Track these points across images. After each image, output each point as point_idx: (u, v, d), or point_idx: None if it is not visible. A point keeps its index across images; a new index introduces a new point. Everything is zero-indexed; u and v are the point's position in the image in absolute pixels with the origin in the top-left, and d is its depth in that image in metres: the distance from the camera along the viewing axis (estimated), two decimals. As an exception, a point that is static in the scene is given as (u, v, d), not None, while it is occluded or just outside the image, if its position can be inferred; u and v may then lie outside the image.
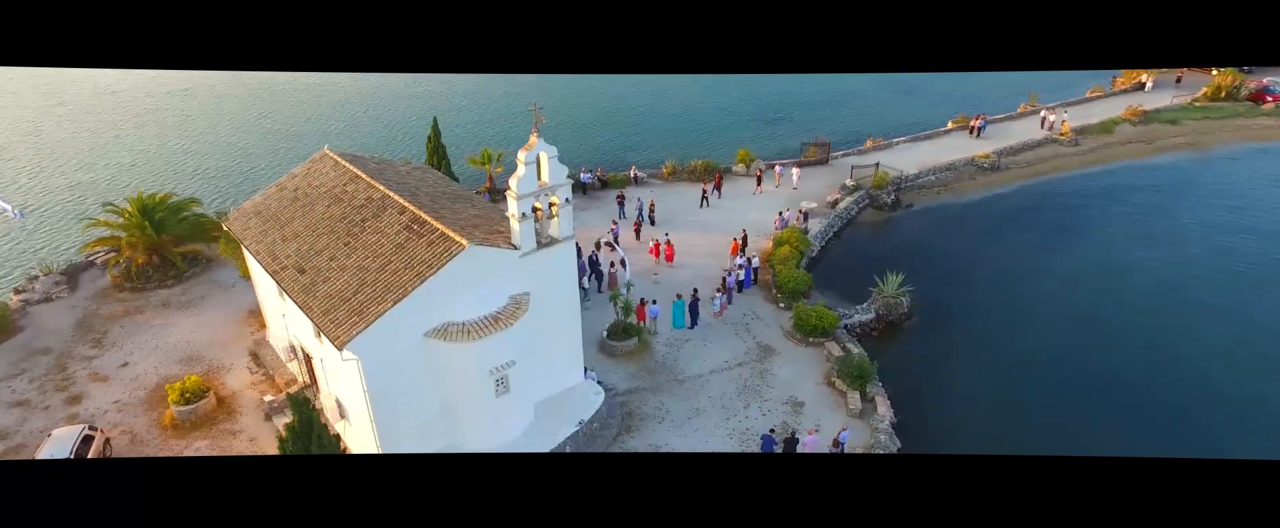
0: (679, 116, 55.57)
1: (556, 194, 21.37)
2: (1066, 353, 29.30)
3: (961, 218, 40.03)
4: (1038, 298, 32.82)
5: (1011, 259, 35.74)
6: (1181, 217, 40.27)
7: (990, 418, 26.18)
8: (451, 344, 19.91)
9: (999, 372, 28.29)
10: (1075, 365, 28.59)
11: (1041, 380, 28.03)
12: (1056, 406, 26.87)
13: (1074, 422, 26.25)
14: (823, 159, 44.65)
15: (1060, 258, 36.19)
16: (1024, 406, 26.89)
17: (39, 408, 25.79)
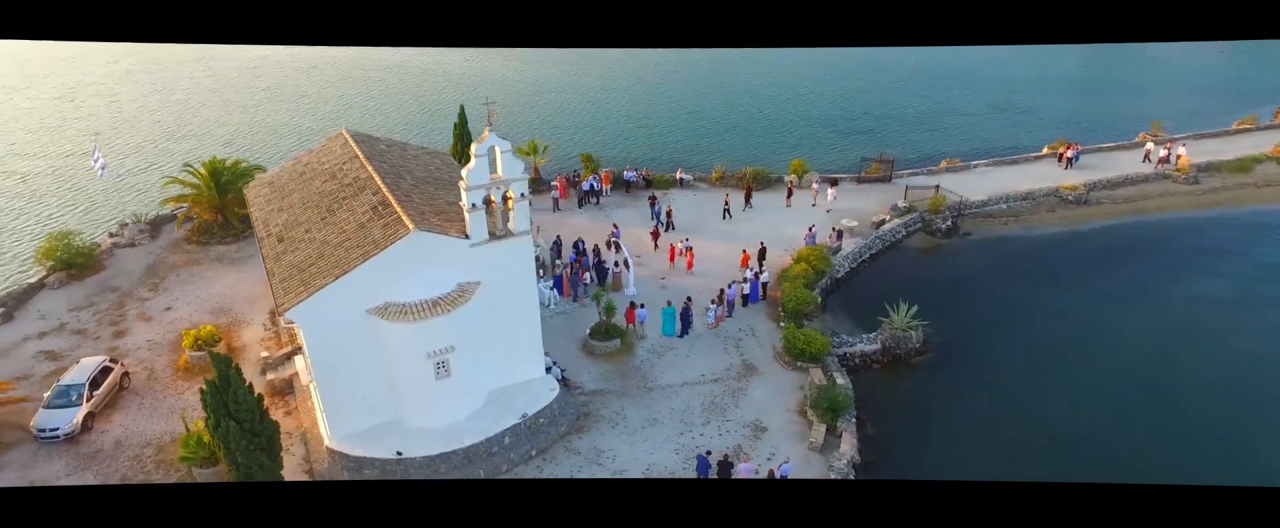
0: (753, 124, 54.27)
1: (511, 188, 21.66)
2: (1099, 432, 25.10)
3: (1023, 254, 36.49)
4: (1085, 356, 28.99)
5: (1068, 307, 32.02)
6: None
7: (971, 478, 23.82)
8: (390, 323, 20.78)
9: (1005, 434, 25.30)
10: (1105, 449, 24.26)
11: (1052, 458, 24.01)
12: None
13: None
14: (885, 177, 42.17)
15: (1132, 313, 31.70)
16: (1018, 477, 24.14)
17: (91, 338, 29.39)
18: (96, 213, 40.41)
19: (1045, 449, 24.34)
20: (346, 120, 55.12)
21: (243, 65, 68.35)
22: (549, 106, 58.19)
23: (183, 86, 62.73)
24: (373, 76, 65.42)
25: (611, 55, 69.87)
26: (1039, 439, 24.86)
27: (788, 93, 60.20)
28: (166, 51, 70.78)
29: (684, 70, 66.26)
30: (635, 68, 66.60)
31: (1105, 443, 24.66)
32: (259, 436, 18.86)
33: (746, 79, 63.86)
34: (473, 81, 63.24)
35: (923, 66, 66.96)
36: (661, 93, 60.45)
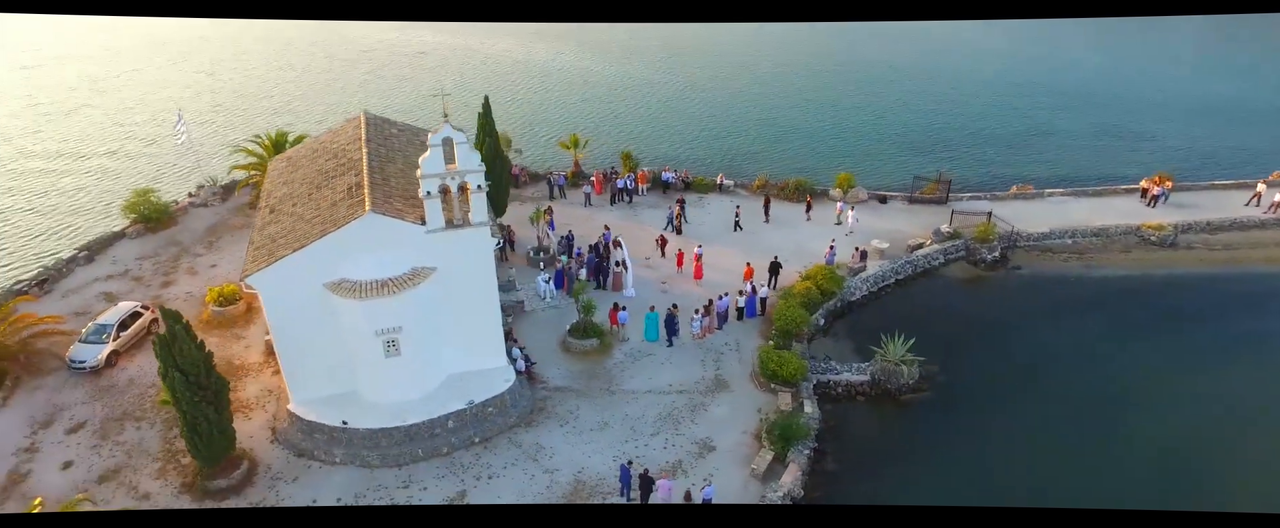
0: (810, 133, 52.01)
1: (468, 179, 22.09)
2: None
3: (1078, 297, 32.87)
4: (1112, 426, 25.35)
5: (1112, 365, 28.32)
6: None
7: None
8: (342, 298, 21.81)
9: (979, 490, 22.94)
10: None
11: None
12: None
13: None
14: (940, 198, 39.32)
15: (1194, 383, 27.23)
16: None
17: (144, 284, 32.78)
18: (186, 175, 44.68)
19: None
20: (425, 105, 57.75)
21: (361, 49, 73.25)
22: (598, 101, 58.57)
23: (296, 65, 68.18)
24: (474, 63, 68.27)
25: (665, 54, 69.45)
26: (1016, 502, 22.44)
27: (858, 102, 57.29)
28: (290, 32, 77.27)
29: (743, 74, 64.80)
30: (688, 69, 65.74)
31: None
32: (205, 389, 20.43)
33: (812, 86, 61.42)
34: (527, 71, 64.67)
35: (1025, 80, 61.75)
36: (715, 96, 59.39)
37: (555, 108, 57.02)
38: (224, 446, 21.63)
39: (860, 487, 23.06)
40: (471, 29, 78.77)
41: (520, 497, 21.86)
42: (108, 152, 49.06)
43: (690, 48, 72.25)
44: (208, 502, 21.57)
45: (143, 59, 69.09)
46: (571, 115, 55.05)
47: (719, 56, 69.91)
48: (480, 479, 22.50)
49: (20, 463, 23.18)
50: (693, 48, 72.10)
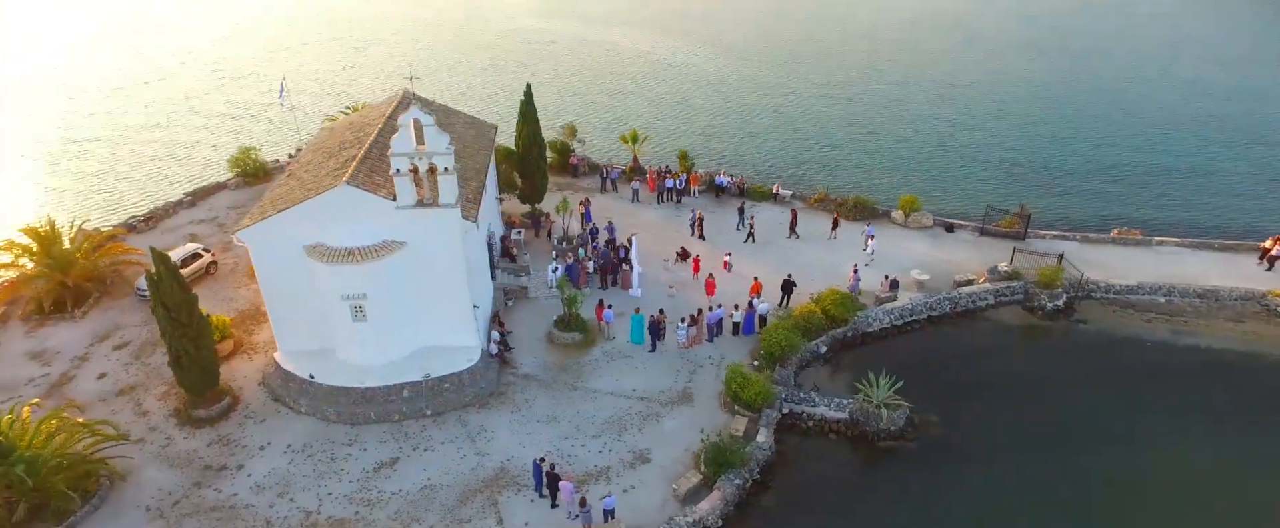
0: (895, 149, 48.13)
1: (434, 160, 22.83)
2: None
3: (1157, 366, 27.94)
4: None
5: (1179, 460, 23.57)
6: None
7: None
8: (313, 261, 23.44)
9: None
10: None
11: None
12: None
13: None
14: (1017, 233, 35.17)
15: None
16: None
17: (224, 231, 36.82)
18: (286, 137, 48.85)
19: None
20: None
21: (498, 34, 77.23)
22: (668, 98, 57.86)
23: (431, 46, 73.13)
24: (585, 53, 69.88)
25: (743, 54, 66.74)
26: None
27: (944, 117, 52.21)
28: (438, 17, 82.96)
29: (822, 78, 61.22)
30: (764, 70, 62.81)
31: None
32: (186, 326, 22.82)
33: (896, 97, 56.71)
34: (617, 61, 64.65)
35: (1171, 105, 53.34)
36: (790, 102, 56.67)
37: (630, 101, 57.29)
38: (205, 379, 24.05)
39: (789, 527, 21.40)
40: (604, 21, 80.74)
41: (444, 473, 22.45)
42: (226, 113, 55.05)
43: (769, 49, 69.62)
44: (188, 427, 24.12)
45: (275, 35, 77.22)
46: (642, 110, 55.24)
47: (796, 60, 67.01)
48: (416, 450, 23.35)
49: (72, 368, 27.11)
50: (771, 50, 69.41)
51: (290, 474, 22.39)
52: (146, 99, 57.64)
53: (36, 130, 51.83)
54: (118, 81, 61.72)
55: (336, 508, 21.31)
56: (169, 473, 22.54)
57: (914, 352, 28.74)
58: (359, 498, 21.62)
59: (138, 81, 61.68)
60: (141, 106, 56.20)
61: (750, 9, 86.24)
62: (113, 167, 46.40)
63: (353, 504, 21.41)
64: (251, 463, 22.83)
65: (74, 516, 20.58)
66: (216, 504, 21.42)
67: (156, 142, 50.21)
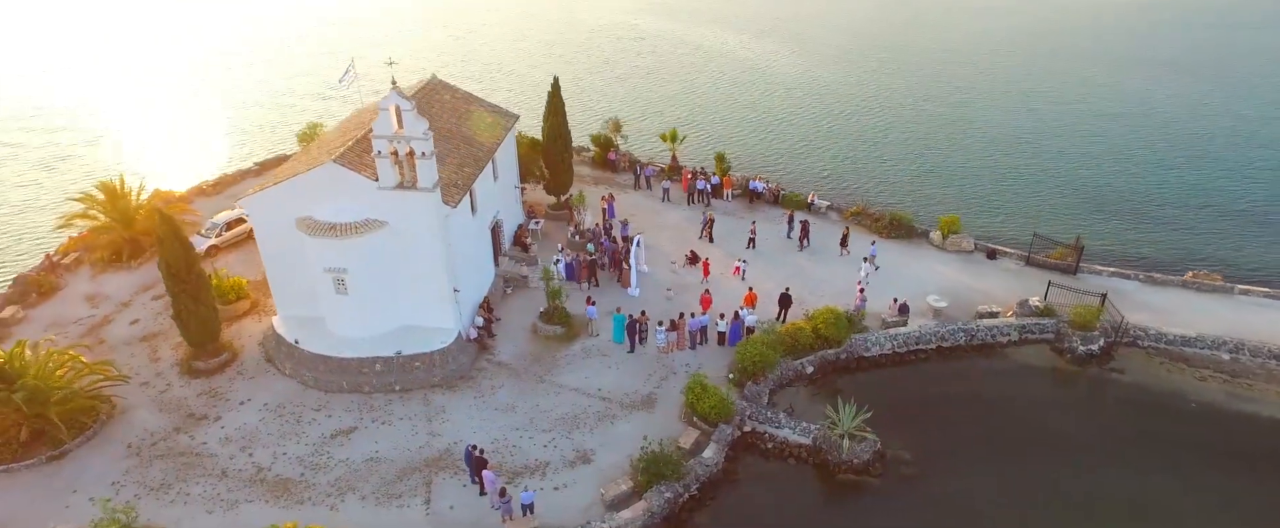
0: (947, 165, 44.65)
1: (412, 145, 23.45)
2: None
3: (1199, 432, 24.34)
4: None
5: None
6: None
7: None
8: (300, 232, 24.76)
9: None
10: None
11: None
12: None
13: None
14: (1068, 267, 31.88)
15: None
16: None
17: (281, 201, 39.63)
18: None
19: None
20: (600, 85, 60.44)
21: (589, 29, 78.38)
22: (721, 99, 56.43)
23: (524, 38, 75.19)
24: (670, 49, 69.66)
25: (799, 59, 63.29)
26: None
27: (1007, 135, 47.46)
28: (533, 6, 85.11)
29: (877, 89, 57.31)
30: (821, 78, 59.31)
31: None
32: (185, 283, 24.75)
33: (954, 112, 52.15)
34: (695, 58, 63.35)
35: None
36: (842, 111, 53.62)
37: (681, 98, 56.53)
38: (204, 333, 25.99)
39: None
40: (693, 18, 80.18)
41: (392, 448, 23.13)
42: (314, 93, 58.89)
43: (830, 50, 66.17)
44: (186, 377, 26.17)
45: (380, 27, 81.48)
46: (692, 108, 54.41)
47: (856, 62, 63.65)
48: (375, 422, 24.19)
49: (114, 312, 30.05)
50: (831, 51, 65.93)
51: (257, 431, 23.82)
52: (248, 78, 62.93)
53: (146, 95, 57.90)
54: (225, 61, 67.74)
55: (286, 468, 22.46)
56: (158, 416, 24.56)
57: (910, 383, 26.74)
58: (309, 461, 22.69)
59: (242, 61, 67.44)
60: (238, 82, 61.44)
61: (832, 10, 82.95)
62: (201, 133, 51.08)
63: (302, 466, 22.50)
64: (228, 416, 24.48)
65: (66, 443, 22.87)
66: (186, 450, 23.13)
67: (245, 115, 54.74)
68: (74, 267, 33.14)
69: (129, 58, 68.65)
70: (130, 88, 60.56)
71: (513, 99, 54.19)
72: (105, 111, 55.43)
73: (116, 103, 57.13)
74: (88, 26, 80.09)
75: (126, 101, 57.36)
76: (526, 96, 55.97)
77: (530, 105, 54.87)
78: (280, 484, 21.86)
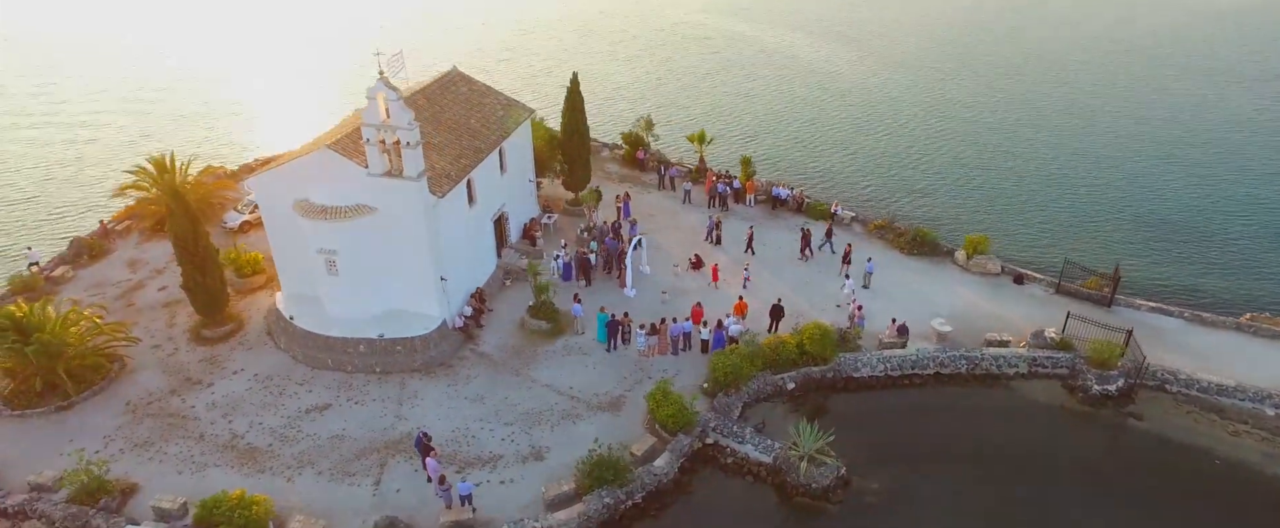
0: (1022, 188, 41.70)
1: (398, 134, 23.95)
2: None
3: (1232, 498, 21.80)
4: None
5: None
6: None
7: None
8: (294, 212, 25.79)
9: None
10: None
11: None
12: None
13: None
14: (1103, 299, 29.36)
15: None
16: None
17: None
18: None
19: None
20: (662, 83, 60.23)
21: (658, 28, 78.18)
22: (766, 104, 54.80)
23: (590, 35, 75.69)
24: (736, 51, 68.56)
25: (849, 63, 59.96)
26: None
27: (1081, 160, 43.50)
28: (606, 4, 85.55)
29: (926, 100, 53.70)
30: (861, 83, 56.10)
31: None
32: (194, 255, 26.28)
33: (1013, 127, 48.15)
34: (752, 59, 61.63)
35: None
36: (878, 117, 51.26)
37: (731, 101, 55.39)
38: (210, 303, 27.52)
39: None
40: (764, 19, 78.63)
41: (358, 427, 23.79)
42: (360, 76, 60.99)
43: (875, 55, 62.79)
44: (194, 344, 27.77)
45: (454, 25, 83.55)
46: (734, 112, 53.22)
47: (900, 69, 60.46)
48: (349, 401, 24.95)
49: (147, 278, 32.22)
50: (875, 56, 62.56)
51: (242, 400, 25.01)
52: (317, 62, 66.18)
53: (225, 75, 61.84)
54: (299, 46, 71.44)
55: (258, 437, 23.49)
56: (160, 378, 26.19)
57: (897, 409, 25.28)
58: (280, 433, 23.64)
59: (314, 46, 70.98)
60: (307, 65, 64.67)
61: (901, 17, 79.27)
62: (268, 112, 54.14)
63: (272, 437, 23.47)
64: (220, 383, 25.82)
65: (72, 397, 24.73)
66: (175, 411, 24.56)
67: (308, 96, 57.60)
68: (125, 234, 35.79)
69: (213, 41, 73.53)
70: (213, 69, 64.78)
71: (559, 96, 54.77)
72: (189, 91, 59.54)
73: (200, 83, 61.25)
74: (182, 8, 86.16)
75: (209, 82, 61.41)
76: (585, 93, 56.50)
77: (590, 103, 55.36)
78: (248, 452, 22.89)
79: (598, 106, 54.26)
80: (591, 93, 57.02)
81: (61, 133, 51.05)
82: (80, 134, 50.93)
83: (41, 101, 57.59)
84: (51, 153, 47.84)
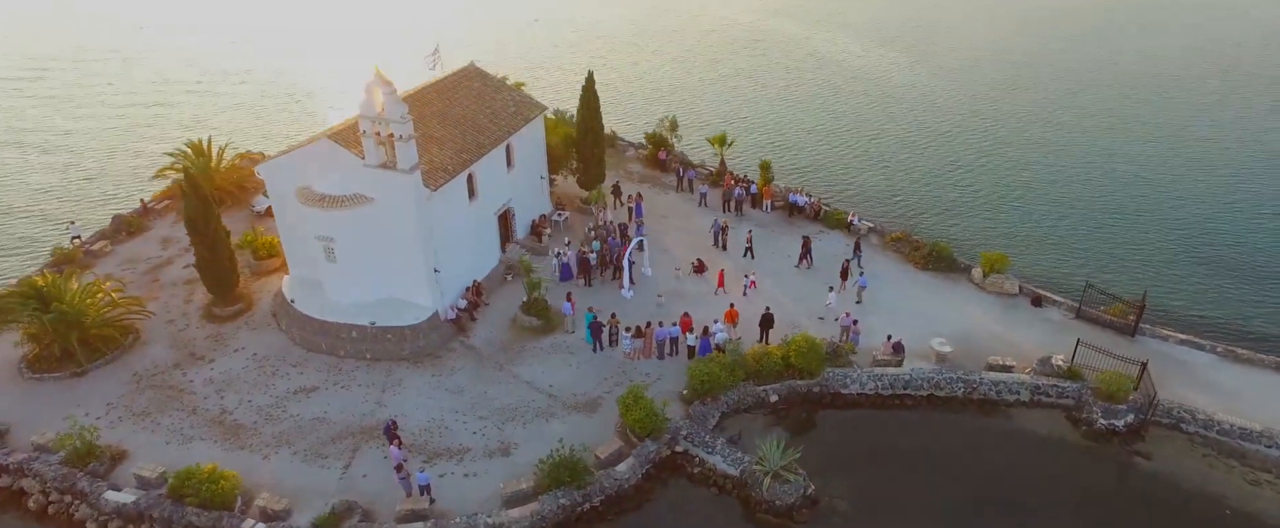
0: (1058, 207, 39.47)
1: (391, 127, 24.38)
2: None
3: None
4: None
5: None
6: None
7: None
8: (296, 200, 26.62)
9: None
10: None
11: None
12: None
13: None
14: (1126, 328, 27.55)
15: None
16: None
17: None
18: None
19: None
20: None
21: (703, 30, 77.52)
22: (799, 108, 53.25)
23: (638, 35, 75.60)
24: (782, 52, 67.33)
25: (887, 68, 57.25)
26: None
27: (1124, 179, 40.47)
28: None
29: (958, 115, 50.66)
30: (906, 98, 53.40)
31: None
32: (205, 235, 27.47)
33: (1052, 142, 45.07)
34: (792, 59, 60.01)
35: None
36: (916, 132, 48.76)
37: (762, 104, 54.40)
38: (220, 283, 28.71)
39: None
40: (813, 19, 76.97)
41: (340, 412, 24.37)
42: (399, 70, 62.08)
43: (913, 61, 59.75)
44: (204, 321, 29.01)
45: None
46: (764, 115, 52.22)
47: (936, 75, 57.69)
48: (335, 385, 25.60)
49: (176, 255, 33.79)
50: (914, 62, 59.57)
51: (236, 378, 25.99)
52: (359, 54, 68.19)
53: (279, 64, 64.38)
54: (342, 38, 73.77)
55: (245, 415, 24.35)
56: (168, 351, 27.48)
57: (882, 429, 24.29)
58: (266, 411, 24.45)
59: (359, 37, 73.16)
60: (367, 62, 66.66)
61: (958, 25, 76.03)
62: (313, 104, 56.20)
63: (258, 416, 24.29)
64: (220, 360, 26.90)
65: (85, 365, 26.19)
66: (174, 385, 25.71)
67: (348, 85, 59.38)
68: (165, 213, 37.72)
69: (282, 31, 76.75)
70: (276, 60, 67.65)
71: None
72: (251, 80, 62.38)
73: (263, 73, 64.09)
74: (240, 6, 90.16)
75: (270, 71, 64.20)
76: (625, 92, 56.78)
77: (626, 102, 55.59)
78: (233, 429, 23.76)
79: (635, 106, 54.38)
80: (628, 92, 57.51)
81: (129, 116, 54.24)
82: (144, 116, 54.02)
83: (115, 85, 61.37)
84: (116, 134, 50.89)
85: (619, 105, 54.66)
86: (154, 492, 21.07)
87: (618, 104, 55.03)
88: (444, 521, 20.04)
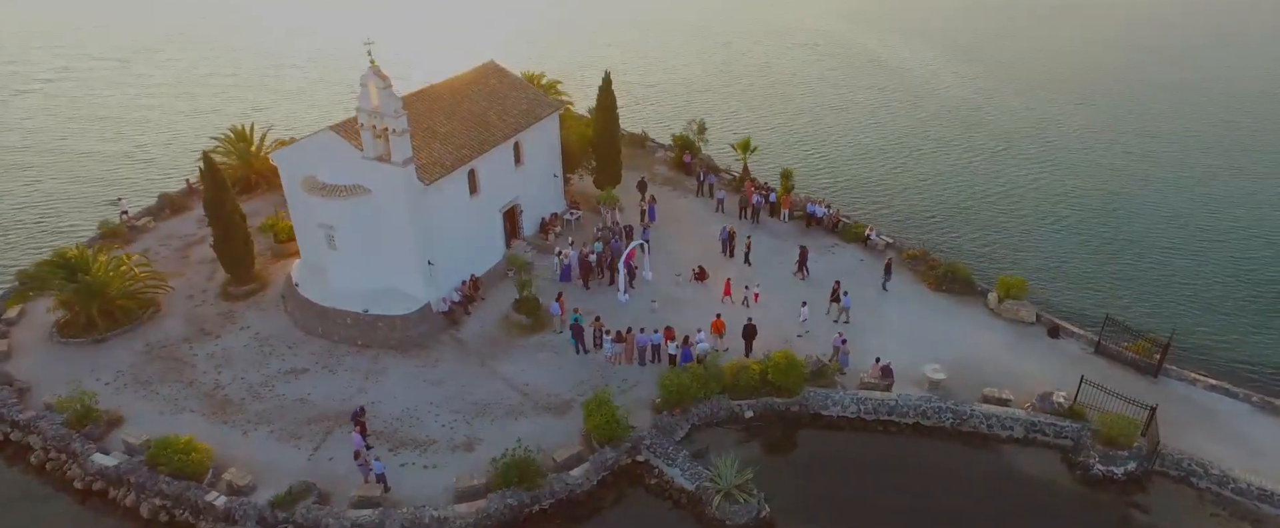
0: (1090, 232, 36.75)
1: (385, 121, 24.92)
2: None
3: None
4: None
5: None
6: None
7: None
8: (300, 188, 27.58)
9: None
10: None
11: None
12: None
13: None
14: (1148, 368, 25.45)
15: None
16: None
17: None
18: None
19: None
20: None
21: (728, 35, 76.24)
22: (836, 116, 51.11)
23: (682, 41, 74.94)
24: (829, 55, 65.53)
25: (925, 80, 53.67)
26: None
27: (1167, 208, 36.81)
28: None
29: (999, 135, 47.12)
30: (948, 111, 50.08)
31: None
32: (219, 217, 28.86)
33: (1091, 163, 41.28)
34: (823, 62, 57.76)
35: None
36: (950, 147, 46.28)
37: (799, 110, 52.62)
38: (236, 264, 30.09)
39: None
40: (872, 25, 74.43)
41: (322, 395, 25.12)
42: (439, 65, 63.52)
43: (958, 73, 56.05)
44: (220, 299, 30.46)
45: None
46: (802, 121, 50.74)
47: (990, 100, 54.14)
48: (324, 368, 26.42)
49: (207, 235, 35.52)
50: (956, 76, 55.91)
51: (236, 355, 27.18)
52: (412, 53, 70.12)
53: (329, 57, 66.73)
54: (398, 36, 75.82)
55: (236, 391, 25.44)
56: (182, 326, 29.00)
57: (859, 455, 23.20)
58: (255, 389, 25.47)
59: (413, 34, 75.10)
60: (420, 53, 68.59)
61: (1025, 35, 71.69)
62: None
63: (246, 393, 25.33)
64: (226, 337, 28.20)
65: (105, 334, 27.94)
66: (178, 357, 27.10)
67: (411, 83, 61.00)
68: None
69: (344, 23, 79.85)
70: (336, 50, 70.44)
71: (648, 94, 55.01)
72: (306, 70, 65.20)
73: (317, 64, 66.87)
74: None
75: (326, 62, 66.95)
76: (665, 94, 56.57)
77: (667, 101, 55.34)
78: (221, 404, 24.85)
79: (674, 107, 53.86)
80: (670, 94, 57.06)
81: (192, 102, 57.57)
82: (206, 103, 57.18)
83: (183, 70, 65.30)
84: (179, 117, 54.12)
85: (657, 105, 54.43)
86: (135, 458, 22.27)
87: (657, 104, 54.84)
88: (392, 510, 20.38)
